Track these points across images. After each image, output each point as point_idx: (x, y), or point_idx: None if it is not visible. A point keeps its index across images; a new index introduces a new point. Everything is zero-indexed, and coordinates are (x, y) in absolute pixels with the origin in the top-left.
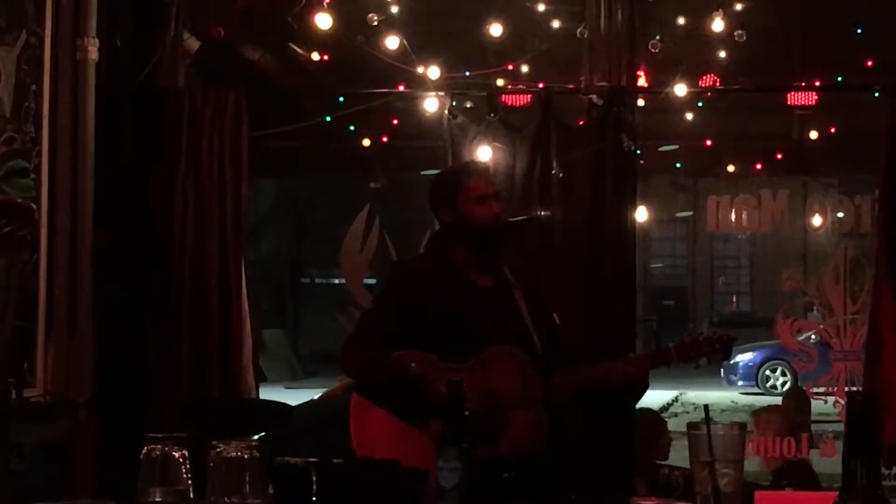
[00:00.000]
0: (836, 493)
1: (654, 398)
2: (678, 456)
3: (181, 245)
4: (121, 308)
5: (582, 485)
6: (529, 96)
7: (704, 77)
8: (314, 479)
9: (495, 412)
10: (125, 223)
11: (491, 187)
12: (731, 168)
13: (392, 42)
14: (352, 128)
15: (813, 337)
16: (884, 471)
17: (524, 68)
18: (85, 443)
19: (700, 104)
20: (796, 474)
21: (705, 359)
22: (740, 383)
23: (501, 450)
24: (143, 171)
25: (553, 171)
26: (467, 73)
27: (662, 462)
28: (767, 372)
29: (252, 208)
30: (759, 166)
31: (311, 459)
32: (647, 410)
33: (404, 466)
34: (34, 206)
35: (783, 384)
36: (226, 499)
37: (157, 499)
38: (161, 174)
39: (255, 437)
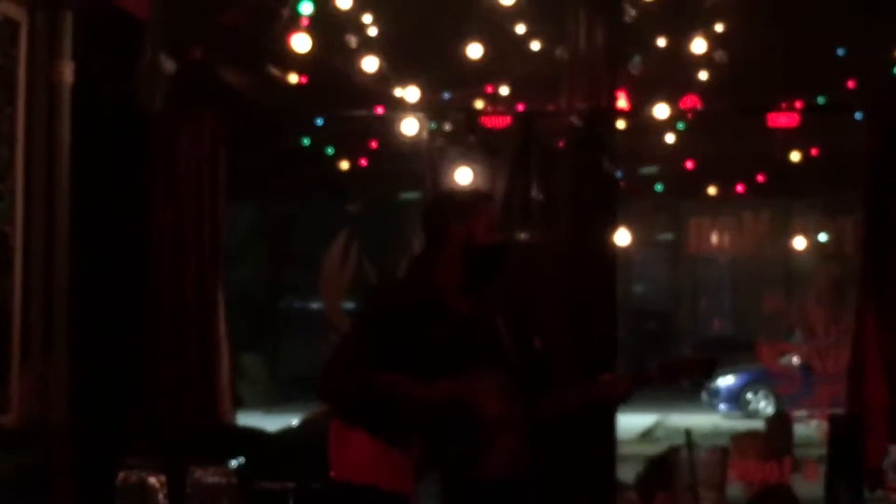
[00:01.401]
0: None
1: (634, 422)
2: None
3: (158, 269)
4: (97, 333)
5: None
6: (509, 118)
7: (685, 98)
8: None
9: (475, 435)
10: (101, 247)
11: (496, 214)
12: (712, 190)
13: (370, 64)
14: (330, 151)
15: (795, 360)
16: (867, 493)
17: (503, 90)
18: (61, 469)
19: (681, 126)
20: (778, 499)
21: (687, 380)
22: (722, 407)
23: (482, 472)
24: (119, 194)
25: (533, 194)
26: (446, 96)
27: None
28: (750, 395)
29: (230, 232)
30: (740, 188)
31: (289, 485)
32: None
33: (384, 490)
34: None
35: (765, 408)
36: None
37: None
38: (138, 197)
39: (233, 462)
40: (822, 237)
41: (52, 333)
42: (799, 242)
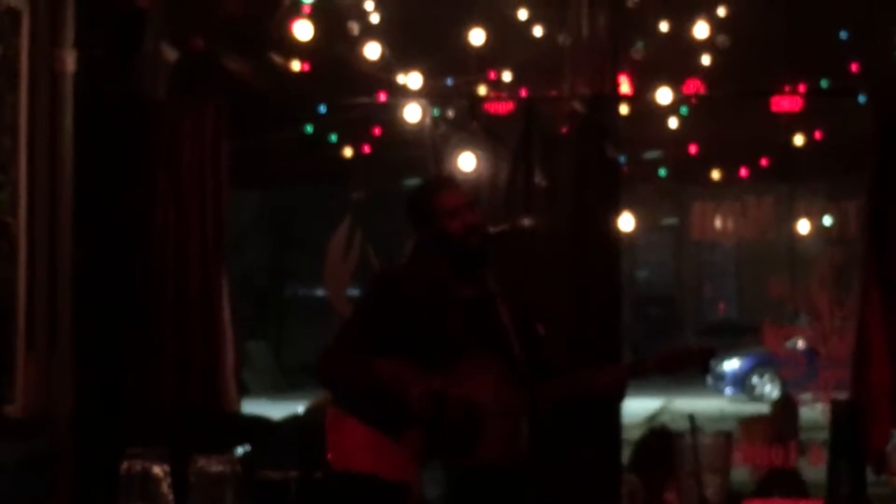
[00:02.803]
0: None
1: (639, 407)
2: None
3: (162, 257)
4: (101, 322)
5: (566, 493)
6: (512, 104)
7: (688, 83)
8: (295, 493)
9: (472, 421)
10: (105, 236)
11: (462, 199)
12: (715, 174)
13: (373, 50)
14: (333, 138)
15: (800, 343)
16: (871, 477)
17: (506, 76)
18: (66, 458)
19: (684, 110)
20: (784, 483)
21: (684, 371)
22: (728, 391)
23: (479, 459)
24: (122, 183)
25: (536, 180)
26: (449, 82)
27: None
28: (755, 379)
29: (233, 220)
30: (744, 172)
31: (292, 473)
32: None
33: (384, 479)
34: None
35: (771, 392)
36: None
37: None
38: (141, 186)
39: (239, 450)
40: (827, 221)
41: (56, 323)
42: (803, 226)
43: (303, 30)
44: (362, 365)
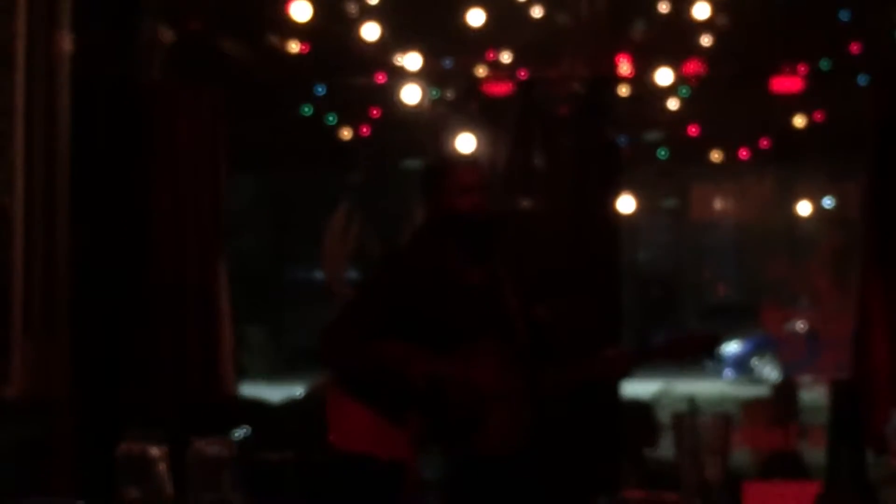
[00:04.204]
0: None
1: (639, 390)
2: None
3: (159, 241)
4: (98, 305)
5: (569, 477)
6: (511, 85)
7: (688, 63)
8: (293, 475)
9: (476, 405)
10: (102, 219)
11: (476, 178)
12: (716, 156)
13: (371, 31)
14: (331, 119)
15: (801, 326)
16: (872, 459)
17: (505, 57)
18: (63, 441)
19: (684, 91)
20: (785, 465)
21: (690, 357)
22: (728, 373)
23: (482, 443)
24: (119, 166)
25: (535, 161)
26: (448, 63)
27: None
28: (755, 362)
29: (231, 203)
30: (744, 154)
31: (290, 455)
32: (635, 401)
33: (383, 460)
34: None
35: (771, 374)
36: (205, 496)
37: (135, 496)
38: (138, 170)
39: (237, 433)
40: (827, 202)
41: (53, 305)
42: (804, 208)
43: (300, 10)
44: (366, 346)
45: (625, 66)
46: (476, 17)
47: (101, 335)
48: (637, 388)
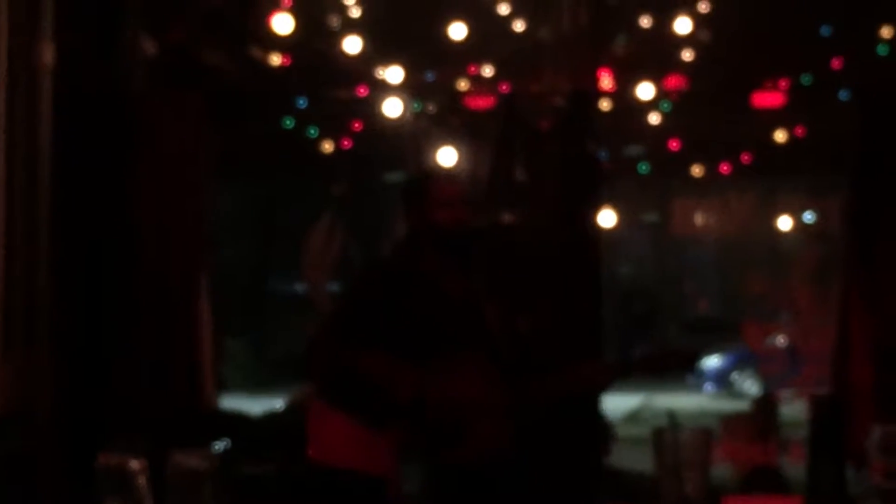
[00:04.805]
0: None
1: (620, 404)
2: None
3: (142, 252)
4: (80, 318)
5: (547, 490)
6: (493, 99)
7: (669, 78)
8: (273, 487)
9: (457, 417)
10: (84, 231)
11: (457, 192)
12: (697, 170)
13: (353, 44)
14: (313, 132)
15: (781, 340)
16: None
17: (487, 71)
18: (47, 456)
19: (665, 106)
20: (766, 480)
21: (669, 372)
22: (708, 388)
23: (463, 456)
24: (101, 177)
25: (517, 175)
26: (430, 76)
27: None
28: (736, 376)
29: (214, 215)
30: (725, 168)
31: (270, 468)
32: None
33: (364, 474)
34: None
35: (752, 389)
36: None
37: None
38: (120, 180)
39: (217, 446)
40: (808, 217)
41: (34, 319)
42: (784, 223)
43: (283, 23)
44: (349, 356)
45: (606, 81)
46: (458, 31)
47: (83, 348)
48: (617, 402)
